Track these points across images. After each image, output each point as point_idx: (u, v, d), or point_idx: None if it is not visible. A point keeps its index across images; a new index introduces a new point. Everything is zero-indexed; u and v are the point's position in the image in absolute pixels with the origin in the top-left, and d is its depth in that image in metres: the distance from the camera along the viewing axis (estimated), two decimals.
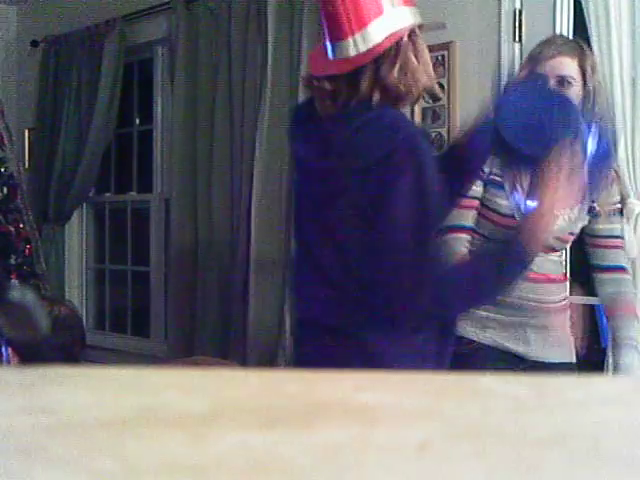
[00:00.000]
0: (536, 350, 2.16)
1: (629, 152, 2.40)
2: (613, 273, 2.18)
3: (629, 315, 2.17)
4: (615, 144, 2.10)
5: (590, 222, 2.16)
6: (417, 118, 3.05)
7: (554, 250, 2.15)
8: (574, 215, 2.10)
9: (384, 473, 0.35)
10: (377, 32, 1.62)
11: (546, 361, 2.16)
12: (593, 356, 3.12)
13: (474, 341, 2.17)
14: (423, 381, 0.56)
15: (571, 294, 2.70)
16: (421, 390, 0.51)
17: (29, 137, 4.82)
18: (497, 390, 0.50)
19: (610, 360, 2.46)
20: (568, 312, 2.27)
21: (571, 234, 2.14)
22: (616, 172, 2.24)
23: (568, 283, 2.32)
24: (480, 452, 0.38)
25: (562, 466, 0.37)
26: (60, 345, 2.09)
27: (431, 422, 0.43)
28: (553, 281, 2.18)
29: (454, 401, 0.48)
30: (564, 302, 2.22)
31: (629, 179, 2.40)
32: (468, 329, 2.17)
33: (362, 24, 1.63)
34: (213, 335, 3.73)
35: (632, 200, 2.40)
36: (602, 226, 2.16)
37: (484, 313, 2.15)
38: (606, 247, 2.18)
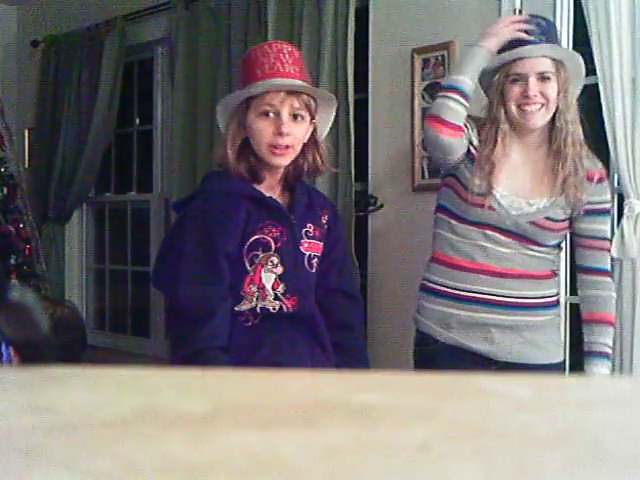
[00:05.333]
0: (503, 351, 2.09)
1: (629, 152, 2.40)
2: (594, 275, 2.13)
3: (605, 322, 2.12)
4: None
5: (576, 219, 2.11)
6: (417, 118, 3.05)
7: (534, 242, 2.08)
8: (545, 203, 2.07)
9: (384, 473, 0.35)
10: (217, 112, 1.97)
11: (518, 362, 2.09)
12: None
13: (439, 341, 2.14)
14: (423, 381, 0.56)
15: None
16: (421, 390, 0.51)
17: (29, 137, 4.82)
18: (497, 390, 0.50)
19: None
20: (552, 311, 2.16)
21: (549, 219, 2.07)
22: (606, 170, 2.20)
23: (555, 281, 2.19)
24: (480, 452, 0.38)
25: (562, 466, 0.37)
26: (61, 345, 2.09)
27: (431, 422, 0.43)
28: (527, 277, 2.09)
29: (454, 401, 0.48)
30: (543, 300, 2.12)
31: (629, 179, 2.39)
32: (433, 328, 2.16)
33: None
34: None
35: (632, 200, 2.40)
36: (585, 225, 2.11)
37: (447, 310, 2.12)
38: (589, 247, 2.12)
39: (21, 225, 4.18)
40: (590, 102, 2.49)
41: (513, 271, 2.08)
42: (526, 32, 2.03)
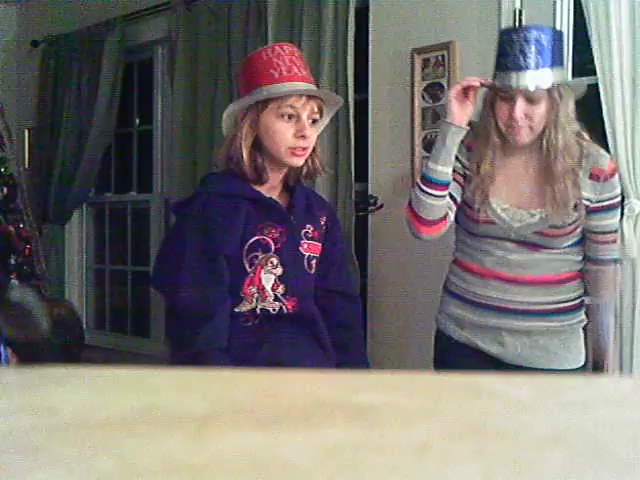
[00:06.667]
0: (513, 354, 2.08)
1: (629, 152, 2.40)
2: (602, 265, 2.09)
3: (610, 287, 2.06)
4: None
5: (586, 216, 2.05)
6: (417, 118, 3.05)
7: (546, 247, 2.05)
8: (548, 212, 2.02)
9: (384, 473, 0.35)
10: (224, 114, 1.94)
11: (528, 367, 2.06)
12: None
13: (453, 338, 2.16)
14: (423, 381, 0.56)
15: None
16: (421, 390, 0.51)
17: (29, 137, 4.82)
18: (497, 390, 0.50)
19: (610, 360, 2.45)
20: (571, 316, 2.11)
21: (555, 227, 2.03)
22: (615, 163, 2.14)
23: (577, 283, 2.14)
24: (480, 452, 0.38)
25: (562, 466, 0.37)
26: (60, 345, 2.09)
27: (431, 422, 0.43)
28: (541, 282, 2.06)
29: (454, 401, 0.48)
30: (560, 305, 2.09)
31: (629, 179, 2.39)
32: (449, 326, 2.18)
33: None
34: None
35: (632, 200, 2.40)
36: (596, 222, 2.07)
37: (461, 312, 2.14)
38: (598, 242, 2.09)
39: (21, 225, 4.18)
40: (590, 102, 2.49)
41: (525, 277, 2.06)
42: (513, 58, 1.94)
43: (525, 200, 2.07)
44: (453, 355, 2.16)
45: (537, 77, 1.93)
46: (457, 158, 2.09)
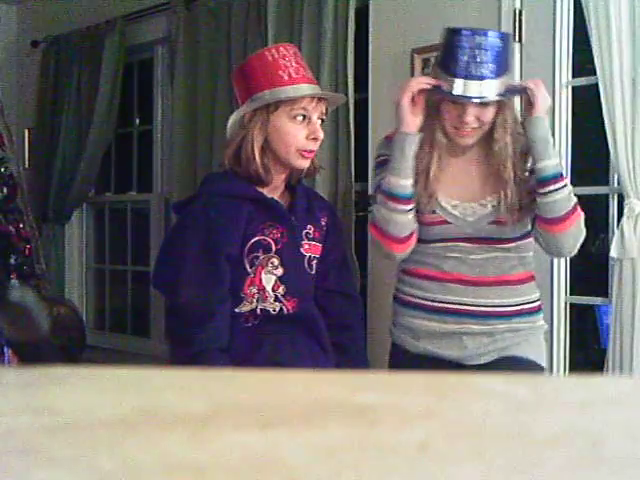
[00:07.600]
0: (474, 355, 2.02)
1: (629, 152, 2.40)
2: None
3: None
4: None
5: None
6: None
7: (503, 241, 2.00)
8: (498, 199, 1.97)
9: (384, 473, 0.35)
10: (230, 118, 1.92)
11: (488, 366, 2.00)
12: (593, 356, 3.12)
13: (409, 351, 2.09)
14: (423, 381, 0.56)
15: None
16: (421, 390, 0.51)
17: (29, 137, 4.82)
18: (497, 390, 0.50)
19: (610, 360, 2.45)
20: (532, 318, 2.07)
21: (509, 212, 1.96)
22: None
23: (534, 285, 2.10)
24: (480, 452, 0.38)
25: (562, 466, 0.37)
26: (60, 345, 2.09)
27: (431, 422, 0.43)
28: (502, 283, 2.02)
29: (454, 401, 0.48)
30: (521, 307, 2.04)
31: (629, 179, 2.39)
32: (403, 338, 2.11)
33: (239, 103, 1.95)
34: None
35: (632, 200, 2.40)
36: (540, 200, 1.93)
37: (416, 321, 2.07)
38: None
39: (21, 225, 4.17)
40: (590, 102, 2.49)
41: (486, 278, 2.01)
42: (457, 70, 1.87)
43: (474, 192, 2.02)
44: (409, 368, 2.06)
45: (489, 86, 1.87)
46: None
